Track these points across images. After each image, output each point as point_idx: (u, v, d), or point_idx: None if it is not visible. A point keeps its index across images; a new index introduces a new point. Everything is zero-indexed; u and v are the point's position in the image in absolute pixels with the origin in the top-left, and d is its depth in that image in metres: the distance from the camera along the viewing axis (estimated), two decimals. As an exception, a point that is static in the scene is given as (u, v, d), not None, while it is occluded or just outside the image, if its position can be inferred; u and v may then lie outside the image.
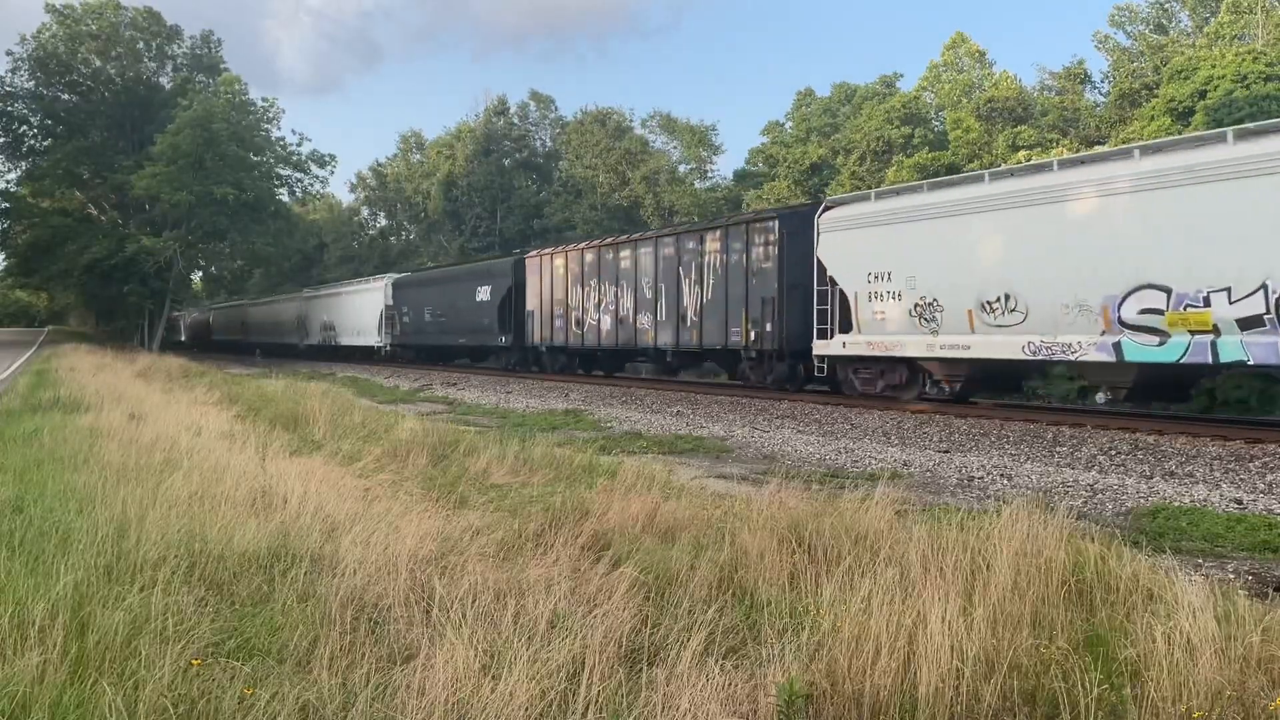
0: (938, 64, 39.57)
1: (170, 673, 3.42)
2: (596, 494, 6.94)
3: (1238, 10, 30.75)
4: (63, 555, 4.71)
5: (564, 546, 5.59)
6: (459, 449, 10.57)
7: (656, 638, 4.22)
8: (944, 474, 10.64)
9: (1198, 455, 11.34)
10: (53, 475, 7.50)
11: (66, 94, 46.65)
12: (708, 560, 5.31)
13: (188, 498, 6.54)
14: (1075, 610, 4.59)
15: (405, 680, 3.52)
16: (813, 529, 5.64)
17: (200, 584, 4.75)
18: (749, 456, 12.33)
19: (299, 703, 3.33)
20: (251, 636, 4.10)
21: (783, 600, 4.75)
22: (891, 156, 33.54)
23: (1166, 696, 3.54)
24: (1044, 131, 31.68)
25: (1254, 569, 6.39)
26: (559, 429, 15.56)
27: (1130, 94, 31.24)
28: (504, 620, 4.17)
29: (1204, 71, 26.75)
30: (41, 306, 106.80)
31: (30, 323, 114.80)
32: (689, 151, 51.86)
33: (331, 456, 10.01)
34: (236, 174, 42.13)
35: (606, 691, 3.50)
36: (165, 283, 44.95)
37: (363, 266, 67.35)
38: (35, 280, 57.16)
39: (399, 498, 7.39)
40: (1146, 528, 7.57)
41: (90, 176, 47.18)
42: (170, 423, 11.86)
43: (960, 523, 5.44)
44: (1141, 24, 36.87)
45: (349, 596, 4.51)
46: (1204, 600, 4.09)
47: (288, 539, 5.53)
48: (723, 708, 3.44)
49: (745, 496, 6.88)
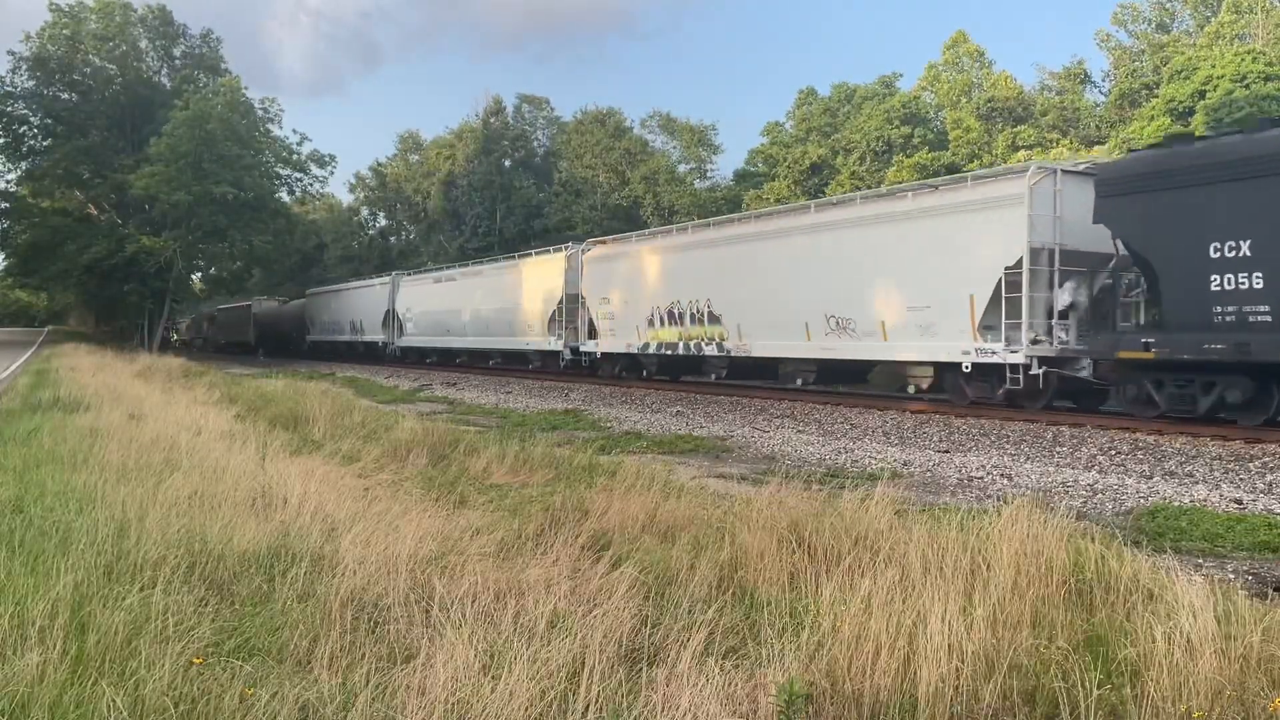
0: (937, 64, 39.57)
1: (170, 672, 3.42)
2: (596, 494, 6.94)
3: (1238, 10, 30.76)
4: (63, 555, 4.71)
5: (564, 546, 5.59)
6: (459, 449, 10.57)
7: (656, 637, 4.22)
8: (944, 474, 10.63)
9: (1198, 455, 11.34)
10: (52, 475, 7.50)
11: (66, 93, 46.62)
12: (707, 560, 5.31)
13: (188, 498, 6.54)
14: (1075, 610, 4.58)
15: (405, 680, 3.52)
16: (813, 529, 5.63)
17: (200, 584, 4.75)
18: (749, 456, 12.33)
19: (299, 702, 3.33)
20: (251, 636, 4.10)
21: (783, 600, 4.75)
22: (891, 156, 33.55)
23: (1166, 696, 3.54)
24: (1044, 131, 31.68)
25: (1254, 569, 6.39)
26: (559, 429, 15.56)
27: (1130, 94, 31.25)
28: (504, 620, 4.17)
29: (1204, 71, 26.75)
30: (41, 306, 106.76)
31: (30, 323, 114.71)
32: (688, 151, 51.86)
33: (331, 456, 10.01)
34: (235, 173, 42.09)
35: (606, 691, 3.50)
36: (165, 283, 44.93)
37: (363, 266, 67.29)
38: (35, 280, 57.09)
39: (399, 498, 7.39)
40: (1146, 528, 7.57)
41: (90, 176, 47.13)
42: (170, 422, 11.86)
43: (960, 523, 5.44)
44: (1144, 23, 36.88)
45: (349, 596, 4.50)
46: (1204, 600, 4.09)
47: (288, 539, 5.53)
48: (723, 708, 3.44)
49: (745, 496, 6.88)
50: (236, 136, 42.67)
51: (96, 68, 46.44)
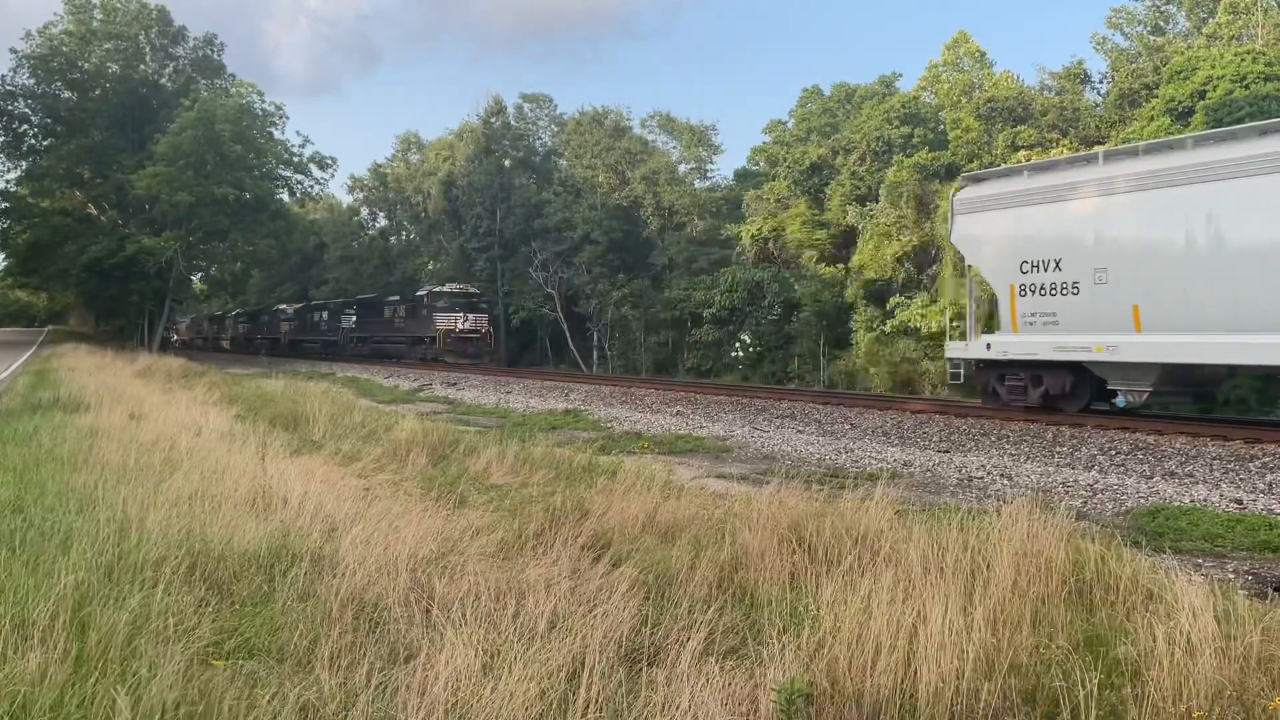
0: (937, 64, 39.56)
1: (171, 672, 3.42)
2: (596, 494, 6.93)
3: (1235, 10, 30.74)
4: (63, 555, 4.71)
5: (564, 546, 5.59)
6: (459, 449, 10.57)
7: (656, 637, 4.22)
8: (944, 474, 10.63)
9: (1198, 455, 11.33)
10: (53, 475, 7.50)
11: (67, 92, 46.58)
12: (708, 560, 5.31)
13: (188, 498, 6.54)
14: (1075, 610, 4.59)
15: (406, 680, 3.52)
16: (813, 529, 5.63)
17: (201, 584, 4.75)
18: (749, 456, 12.33)
19: (299, 703, 3.33)
20: (252, 636, 4.10)
21: (783, 600, 4.75)
22: (891, 156, 33.53)
23: (1166, 696, 3.55)
24: (1044, 131, 31.66)
25: (1254, 569, 6.39)
26: (559, 429, 15.56)
27: (1130, 94, 31.24)
28: (504, 620, 4.17)
29: (1203, 71, 26.74)
30: (41, 306, 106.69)
31: (30, 322, 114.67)
32: (688, 151, 51.85)
33: (331, 456, 10.00)
34: (237, 174, 42.08)
35: (606, 691, 3.50)
36: (165, 283, 44.91)
37: (363, 266, 67.19)
38: (35, 280, 57.01)
39: (399, 498, 7.39)
40: (1146, 528, 7.58)
41: (91, 176, 47.06)
42: (170, 423, 11.86)
43: (960, 523, 5.44)
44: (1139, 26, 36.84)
45: (349, 596, 4.50)
46: (1204, 600, 4.09)
47: (288, 539, 5.54)
48: (723, 708, 3.44)
49: (745, 496, 6.87)
50: (243, 138, 42.66)
51: (99, 67, 46.40)
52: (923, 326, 28.62)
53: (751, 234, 38.00)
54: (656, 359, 41.40)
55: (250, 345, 64.62)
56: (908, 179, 31.14)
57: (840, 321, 32.84)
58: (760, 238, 37.75)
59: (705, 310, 36.69)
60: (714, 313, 36.22)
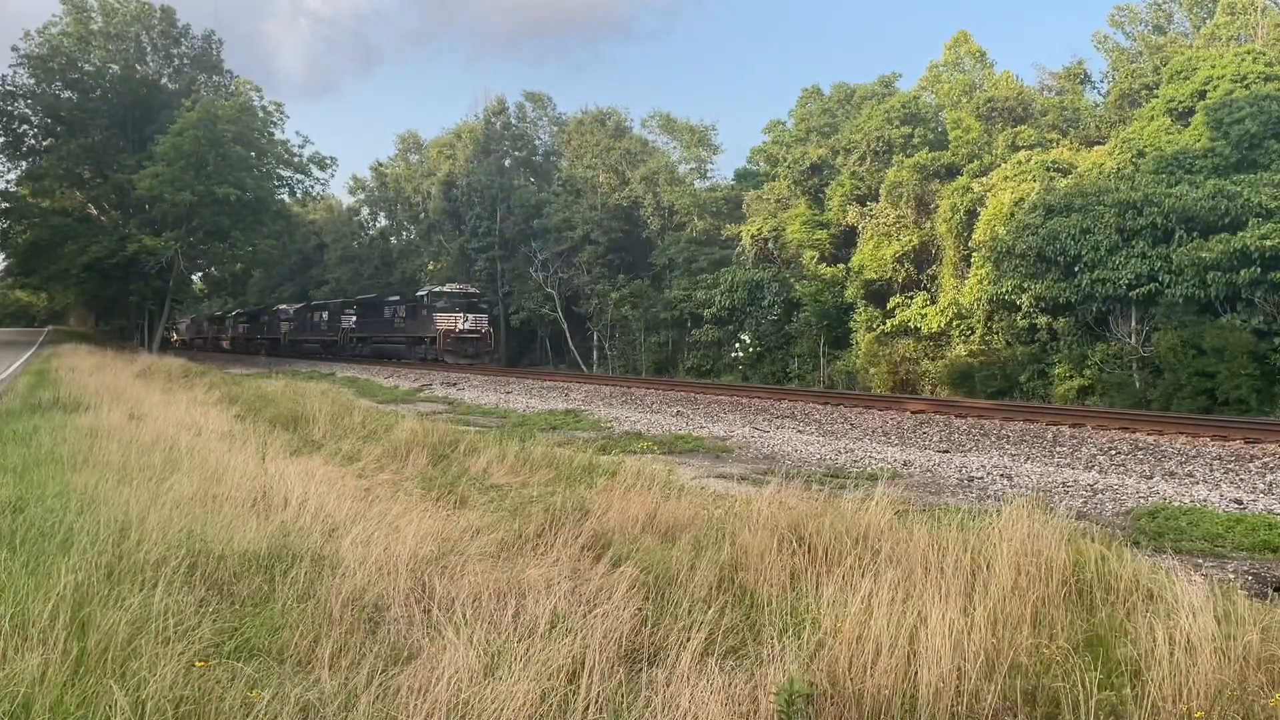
0: (938, 64, 39.55)
1: (171, 673, 3.42)
2: (596, 494, 6.93)
3: (1234, 11, 30.74)
4: (63, 555, 4.71)
5: (564, 546, 5.59)
6: (459, 449, 10.57)
7: (656, 638, 4.22)
8: (944, 474, 10.63)
9: (1198, 455, 11.33)
10: (53, 475, 7.49)
11: (67, 92, 46.59)
12: (708, 560, 5.31)
13: (188, 498, 6.54)
14: (1075, 610, 4.59)
15: (406, 680, 3.52)
16: (813, 529, 5.63)
17: (201, 584, 4.75)
18: (749, 456, 12.33)
19: (300, 703, 3.33)
20: (252, 636, 4.10)
21: (783, 600, 4.74)
22: (891, 156, 33.51)
23: (1166, 696, 3.55)
24: (1044, 131, 31.65)
25: (1254, 569, 6.39)
26: (559, 429, 15.56)
27: (1130, 94, 31.23)
28: (504, 620, 4.17)
29: (1204, 72, 26.75)
30: (41, 306, 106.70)
31: (30, 323, 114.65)
32: (688, 151, 51.82)
33: (332, 457, 10.00)
34: (238, 174, 42.08)
35: (606, 691, 3.50)
36: (165, 283, 44.91)
37: (363, 266, 67.22)
38: (35, 280, 56.96)
39: (399, 498, 7.39)
40: (1146, 528, 7.58)
41: (91, 176, 47.09)
42: (170, 423, 11.85)
43: (960, 523, 5.44)
44: (1141, 24, 36.85)
45: (350, 597, 4.50)
46: (1204, 600, 4.09)
47: (288, 539, 5.53)
48: (723, 708, 3.44)
49: (745, 496, 6.87)
50: (243, 138, 42.67)
51: (99, 67, 46.42)
52: (923, 326, 28.60)
53: (751, 234, 37.98)
54: (656, 359, 41.36)
55: (250, 345, 64.58)
56: (908, 179, 31.13)
57: (840, 321, 32.81)
58: (760, 238, 37.73)
59: (705, 310, 36.66)
60: (714, 313, 36.19)
